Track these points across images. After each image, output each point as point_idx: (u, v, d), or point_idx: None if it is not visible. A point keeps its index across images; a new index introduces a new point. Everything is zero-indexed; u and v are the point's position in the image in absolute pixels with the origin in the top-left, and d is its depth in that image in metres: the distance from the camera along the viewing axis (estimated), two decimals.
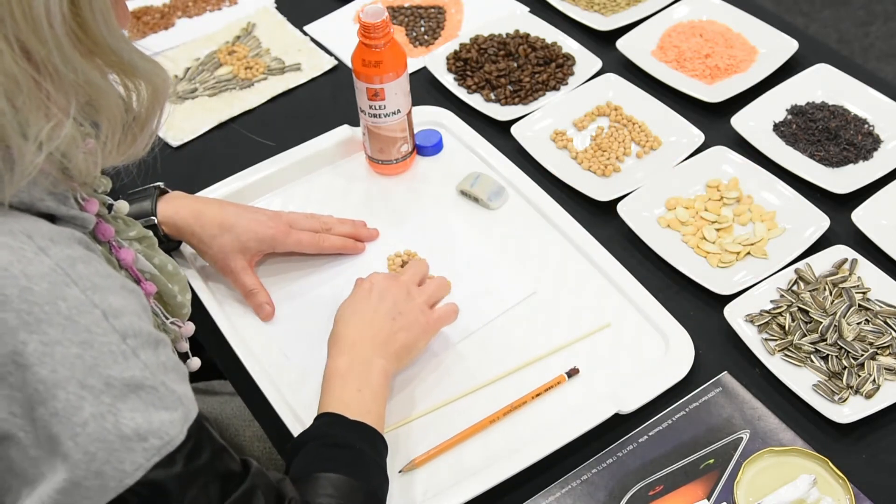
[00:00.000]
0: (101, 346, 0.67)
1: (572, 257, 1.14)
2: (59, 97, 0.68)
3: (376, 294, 1.02)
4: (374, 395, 0.94)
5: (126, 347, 0.68)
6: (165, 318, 0.89)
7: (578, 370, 1.03)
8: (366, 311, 1.00)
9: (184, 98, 1.43)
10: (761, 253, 1.13)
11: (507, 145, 1.28)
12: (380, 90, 1.17)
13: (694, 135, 1.26)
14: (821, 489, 0.90)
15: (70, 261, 0.68)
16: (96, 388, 0.66)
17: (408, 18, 1.53)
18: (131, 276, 0.85)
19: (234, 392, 1.14)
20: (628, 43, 1.39)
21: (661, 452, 0.96)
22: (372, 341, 0.98)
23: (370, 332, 0.98)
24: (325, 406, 0.93)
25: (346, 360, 0.96)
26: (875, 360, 1.00)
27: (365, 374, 0.95)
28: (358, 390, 0.93)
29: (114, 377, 0.67)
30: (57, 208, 0.74)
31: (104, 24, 0.68)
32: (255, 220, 1.12)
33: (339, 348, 0.98)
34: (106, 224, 0.83)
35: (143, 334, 0.70)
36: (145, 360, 0.69)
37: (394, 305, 1.01)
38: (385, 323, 0.99)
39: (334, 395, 0.93)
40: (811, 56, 1.34)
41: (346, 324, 1.00)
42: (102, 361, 0.66)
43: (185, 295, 0.94)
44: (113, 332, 0.68)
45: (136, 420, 0.67)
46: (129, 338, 0.68)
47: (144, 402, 0.68)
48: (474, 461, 0.97)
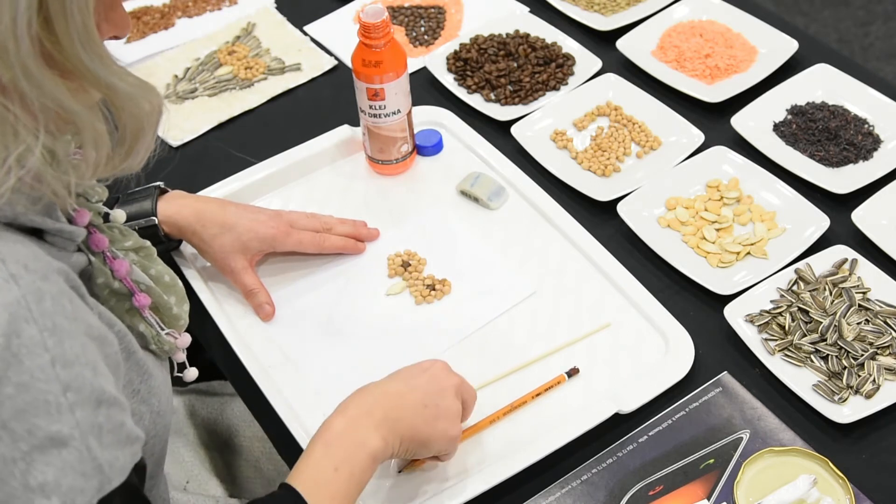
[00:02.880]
0: (37, 393, 0.64)
1: (572, 257, 1.14)
2: (29, 119, 0.65)
3: (427, 377, 0.93)
4: (350, 477, 0.84)
5: (63, 400, 0.65)
6: (161, 328, 0.87)
7: (578, 370, 1.03)
8: (405, 384, 0.91)
9: (184, 98, 1.43)
10: (761, 253, 1.13)
11: (507, 145, 1.28)
12: (380, 90, 1.17)
13: (694, 135, 1.26)
14: (821, 489, 0.90)
15: (38, 294, 0.65)
16: (17, 432, 0.63)
17: (408, 18, 1.53)
18: (125, 287, 0.83)
19: (235, 392, 1.15)
20: (628, 43, 1.39)
21: (661, 452, 0.96)
22: (385, 414, 0.88)
23: (391, 404, 0.89)
24: (295, 475, 0.84)
25: (341, 424, 0.87)
26: (875, 360, 1.00)
27: (352, 451, 0.85)
28: (335, 469, 0.84)
29: (39, 426, 0.64)
30: (43, 222, 0.72)
31: (81, 46, 0.65)
32: (256, 219, 1.12)
33: (345, 406, 0.89)
34: (100, 234, 0.81)
35: (86, 389, 0.66)
36: (79, 418, 0.66)
37: (437, 396, 0.91)
38: (413, 405, 0.90)
39: (310, 465, 0.84)
40: (811, 56, 1.34)
41: (383, 383, 0.92)
42: (33, 408, 0.63)
43: (183, 306, 0.91)
44: (56, 380, 0.64)
45: (47, 476, 0.64)
46: (71, 391, 0.65)
47: (62, 461, 0.65)
48: (474, 461, 0.97)
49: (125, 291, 0.83)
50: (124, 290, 0.83)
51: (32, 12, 0.62)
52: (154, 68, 1.48)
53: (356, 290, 1.14)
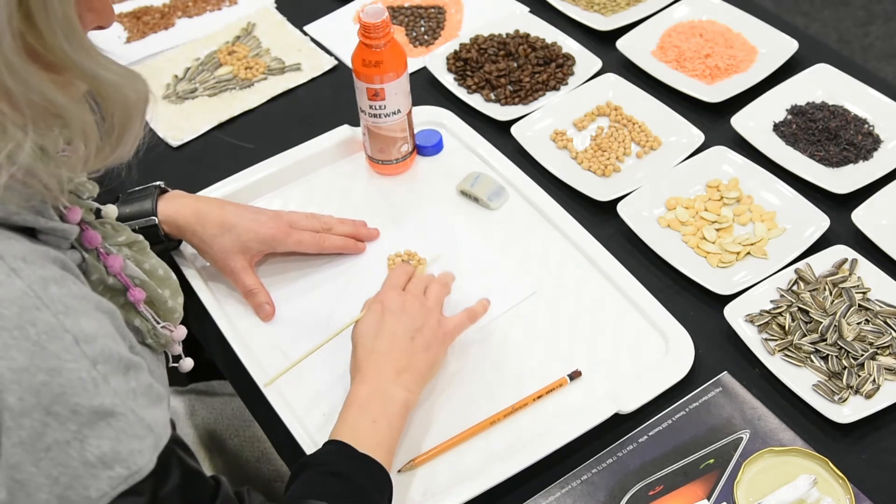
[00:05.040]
0: (70, 374, 0.65)
1: (572, 257, 1.14)
2: (16, 115, 0.65)
3: (390, 314, 0.99)
4: (389, 427, 0.92)
5: (96, 374, 0.66)
6: (156, 322, 0.87)
7: (581, 373, 1.03)
8: (383, 335, 0.98)
9: (184, 98, 1.43)
10: (761, 253, 1.13)
11: (507, 145, 1.28)
12: (380, 90, 1.17)
13: (694, 135, 1.26)
14: (821, 489, 0.90)
15: (43, 282, 0.66)
16: (62, 415, 0.65)
17: (408, 18, 1.53)
18: (120, 283, 0.83)
19: (234, 392, 1.14)
20: (628, 43, 1.39)
21: (661, 452, 0.96)
22: (394, 368, 0.96)
23: (391, 358, 0.96)
24: (336, 433, 0.91)
25: (366, 389, 0.94)
26: (875, 360, 1.00)
27: (383, 405, 0.93)
28: (373, 421, 0.92)
29: (81, 405, 0.65)
30: (35, 221, 0.72)
31: (64, 38, 0.65)
32: (256, 220, 1.12)
33: (362, 376, 0.96)
34: (92, 231, 0.81)
35: (113, 359, 0.68)
36: (115, 387, 0.67)
37: (411, 323, 0.99)
38: (405, 344, 0.97)
39: (348, 423, 0.92)
40: (811, 56, 1.34)
41: (366, 349, 0.98)
42: (70, 389, 0.65)
43: (177, 299, 0.91)
44: (83, 357, 0.66)
45: (102, 448, 0.66)
46: (100, 364, 0.67)
47: (114, 430, 0.67)
48: (474, 461, 0.97)
49: (120, 287, 0.83)
50: (119, 285, 0.83)
51: (12, 7, 0.62)
52: (154, 68, 1.48)
53: (356, 289, 1.14)
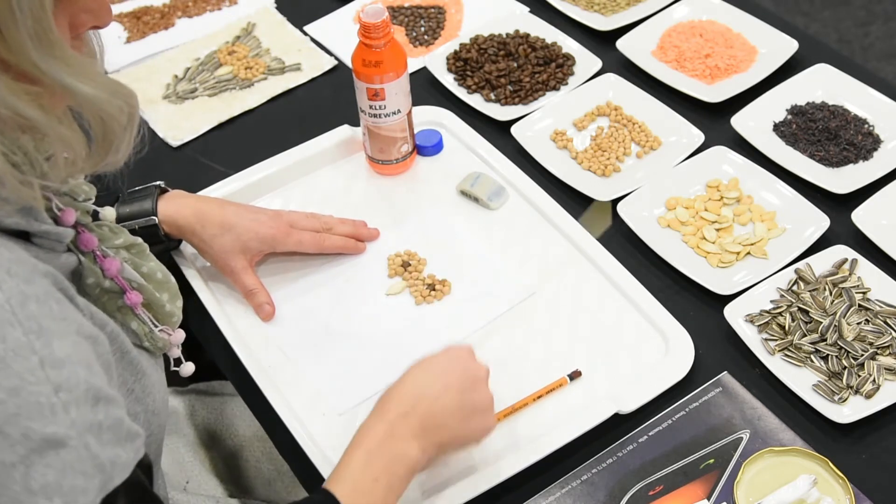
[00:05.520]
0: (28, 396, 0.63)
1: (572, 257, 1.14)
2: None
3: (460, 370, 0.91)
4: (388, 489, 0.84)
5: (56, 400, 0.64)
6: (154, 325, 0.87)
7: (581, 373, 1.03)
8: (440, 384, 0.89)
9: (184, 98, 1.43)
10: (761, 253, 1.13)
11: (507, 145, 1.28)
12: (380, 90, 1.17)
13: (694, 135, 1.26)
14: (821, 489, 0.90)
15: (22, 298, 0.65)
16: (12, 436, 0.63)
17: (408, 18, 1.53)
18: (116, 286, 0.82)
19: (235, 392, 1.14)
20: (628, 43, 1.39)
21: (661, 452, 0.96)
22: (422, 422, 0.87)
23: (428, 409, 0.88)
24: (334, 479, 0.84)
25: (383, 430, 0.86)
26: (875, 360, 1.00)
27: (392, 462, 0.85)
28: (374, 480, 0.84)
29: (34, 429, 0.63)
30: (27, 224, 0.71)
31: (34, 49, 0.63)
32: (256, 219, 1.12)
33: (386, 410, 0.87)
34: (89, 233, 0.80)
35: (80, 388, 0.66)
36: (74, 418, 0.65)
37: (470, 391, 0.90)
38: (450, 409, 0.89)
39: (349, 472, 0.84)
40: (811, 56, 1.34)
41: (414, 384, 0.89)
42: (26, 412, 0.63)
43: (176, 303, 0.91)
44: (46, 381, 0.64)
45: (47, 478, 0.64)
46: (63, 391, 0.65)
47: (62, 461, 0.64)
48: (474, 461, 0.97)
49: (116, 289, 0.83)
50: (116, 288, 0.83)
51: None
52: (154, 68, 1.48)
53: (356, 289, 1.14)
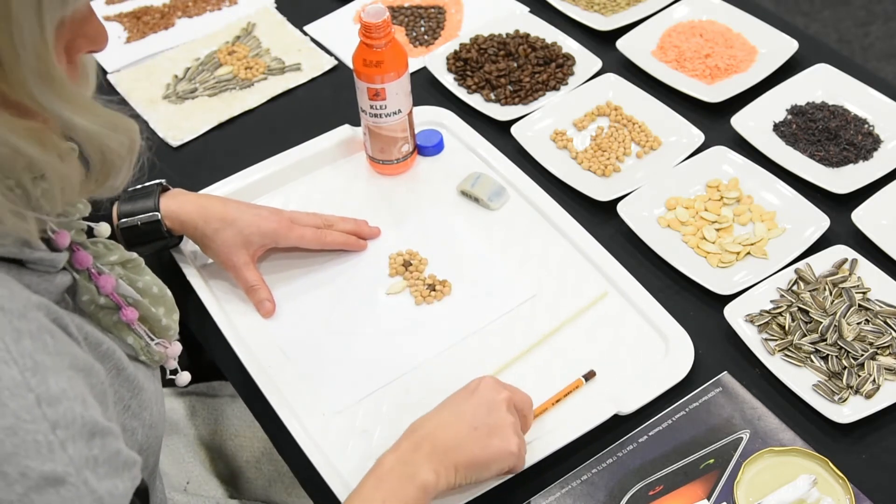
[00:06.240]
0: (25, 435, 0.63)
1: (572, 257, 1.14)
2: None
3: (476, 399, 0.91)
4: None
5: (54, 438, 0.64)
6: (151, 339, 0.87)
7: (595, 373, 1.03)
8: (452, 413, 0.91)
9: (184, 98, 1.43)
10: (761, 253, 1.13)
11: (507, 145, 1.29)
12: (381, 90, 1.17)
13: (694, 135, 1.26)
14: (821, 489, 0.90)
15: (17, 335, 0.64)
16: (10, 475, 0.62)
17: (408, 18, 1.53)
18: (112, 302, 0.82)
19: (235, 392, 1.14)
20: (628, 43, 1.39)
21: (661, 452, 0.96)
22: (434, 446, 0.87)
23: (441, 435, 0.88)
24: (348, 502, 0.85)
25: (395, 458, 0.87)
26: (875, 360, 1.00)
27: (401, 484, 0.85)
28: (382, 501, 0.84)
29: (32, 468, 0.63)
30: (20, 252, 0.70)
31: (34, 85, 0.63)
32: (258, 214, 1.13)
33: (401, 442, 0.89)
34: (83, 252, 0.80)
35: (76, 424, 0.65)
36: (72, 454, 0.65)
37: (487, 415, 0.90)
38: (464, 431, 0.89)
39: (359, 496, 0.85)
40: (811, 56, 1.34)
41: (432, 415, 0.91)
42: (24, 450, 0.62)
43: (172, 316, 0.90)
44: (43, 419, 0.63)
45: None
46: (60, 428, 0.64)
47: (61, 499, 0.64)
48: None
49: (112, 305, 0.82)
50: (111, 304, 0.82)
51: None
52: (154, 68, 1.48)
53: (357, 288, 1.14)
